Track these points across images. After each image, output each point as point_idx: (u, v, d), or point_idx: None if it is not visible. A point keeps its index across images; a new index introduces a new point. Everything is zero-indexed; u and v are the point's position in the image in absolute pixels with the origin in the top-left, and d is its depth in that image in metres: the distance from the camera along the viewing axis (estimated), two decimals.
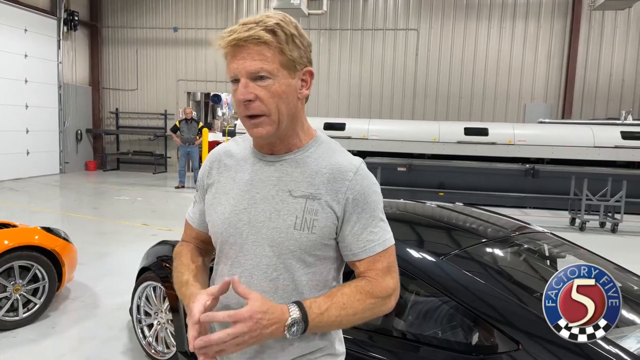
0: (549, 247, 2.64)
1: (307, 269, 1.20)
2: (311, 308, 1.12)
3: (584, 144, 10.02)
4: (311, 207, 1.18)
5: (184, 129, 11.38)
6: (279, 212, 1.19)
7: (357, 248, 1.21)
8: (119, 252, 5.97)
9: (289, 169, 1.22)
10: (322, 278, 1.24)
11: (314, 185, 1.19)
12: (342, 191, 1.18)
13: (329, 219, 1.18)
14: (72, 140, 14.22)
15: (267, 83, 1.12)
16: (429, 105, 13.54)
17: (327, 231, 1.19)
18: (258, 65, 1.11)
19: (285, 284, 1.20)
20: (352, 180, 1.19)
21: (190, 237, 1.42)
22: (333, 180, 1.19)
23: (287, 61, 1.14)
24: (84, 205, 9.62)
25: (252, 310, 1.04)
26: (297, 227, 1.17)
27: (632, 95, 12.76)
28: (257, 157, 1.26)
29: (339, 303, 1.15)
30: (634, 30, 12.59)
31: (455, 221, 2.85)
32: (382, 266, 1.21)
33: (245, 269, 1.21)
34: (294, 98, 1.18)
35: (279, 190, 1.20)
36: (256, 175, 1.24)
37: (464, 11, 13.17)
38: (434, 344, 1.87)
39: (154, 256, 3.39)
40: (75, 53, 14.30)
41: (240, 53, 1.12)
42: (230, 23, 14.07)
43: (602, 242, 7.22)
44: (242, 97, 1.13)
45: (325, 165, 1.21)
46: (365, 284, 1.19)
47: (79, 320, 3.95)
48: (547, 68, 12.99)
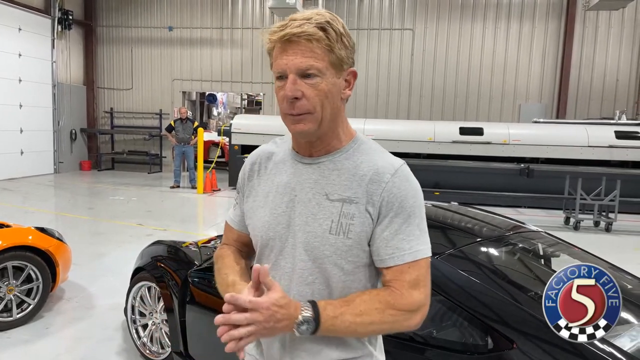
0: (544, 247, 2.64)
1: (344, 276, 1.17)
2: (325, 310, 1.09)
3: (578, 143, 10.07)
4: (347, 211, 1.14)
5: (179, 128, 11.35)
6: (315, 215, 1.16)
7: (385, 254, 1.15)
8: (114, 252, 5.94)
9: (327, 171, 1.19)
10: (360, 286, 1.19)
11: (352, 188, 1.16)
12: (377, 193, 1.14)
13: (365, 224, 1.14)
14: (66, 140, 14.16)
15: (315, 81, 1.10)
16: (424, 105, 13.56)
17: (364, 236, 1.15)
18: (309, 62, 1.09)
19: (321, 289, 1.17)
20: (389, 182, 1.15)
21: (231, 240, 1.40)
22: (370, 182, 1.15)
23: (335, 60, 1.12)
24: (78, 205, 9.57)
25: (271, 301, 1.03)
26: (332, 232, 1.14)
27: (626, 95, 12.83)
28: (296, 158, 1.23)
29: (356, 310, 1.10)
30: (628, 30, 12.65)
31: (450, 220, 2.86)
32: (409, 278, 1.14)
33: (284, 272, 1.20)
34: (337, 98, 1.16)
35: (316, 194, 1.18)
36: (294, 177, 1.21)
37: (459, 11, 13.21)
38: (428, 343, 1.88)
39: (149, 256, 3.38)
40: (70, 52, 14.23)
41: (291, 49, 1.09)
42: (225, 22, 14.07)
43: (596, 241, 7.26)
44: (291, 94, 1.10)
45: (363, 168, 1.17)
46: (387, 295, 1.14)
47: (73, 321, 3.93)
48: (541, 68, 13.04)
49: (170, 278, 3.02)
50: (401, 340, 1.92)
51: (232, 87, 14.69)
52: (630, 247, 7.08)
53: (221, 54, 14.28)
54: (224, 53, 14.27)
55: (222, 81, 14.44)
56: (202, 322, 2.74)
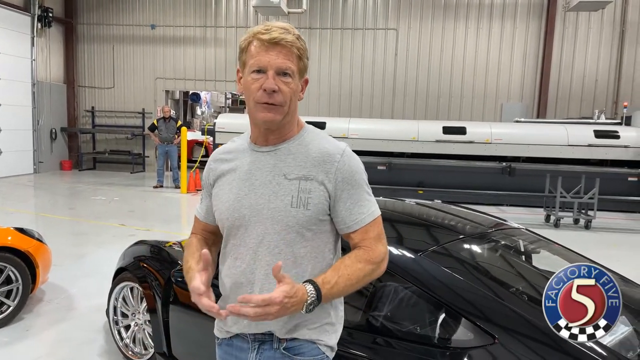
0: (525, 243, 2.68)
1: (305, 243, 1.37)
2: (323, 284, 1.29)
3: (558, 142, 10.24)
4: (305, 187, 1.35)
5: (162, 127, 11.24)
6: (276, 194, 1.36)
7: (350, 221, 1.38)
8: (95, 253, 5.86)
9: (282, 156, 1.39)
10: (319, 251, 1.40)
11: (306, 168, 1.37)
12: (332, 171, 1.36)
13: (321, 197, 1.36)
14: (46, 140, 13.91)
15: (289, 80, 1.33)
16: (408, 105, 13.65)
17: (321, 207, 1.36)
18: (287, 63, 1.31)
19: (287, 257, 1.36)
20: (339, 162, 1.37)
21: (198, 230, 1.62)
22: (323, 163, 1.37)
23: (302, 67, 1.38)
24: (59, 205, 9.42)
25: (283, 294, 1.20)
26: (293, 205, 1.34)
27: (605, 95, 13.08)
28: (254, 149, 1.44)
29: (345, 275, 1.33)
30: (607, 31, 12.90)
31: (433, 218, 2.88)
32: (373, 235, 1.40)
33: (249, 247, 1.39)
34: (297, 97, 1.39)
35: (275, 175, 1.38)
36: (254, 164, 1.41)
37: (442, 12, 13.31)
38: (412, 340, 1.89)
39: (131, 256, 3.34)
40: (50, 50, 13.99)
41: (274, 50, 1.30)
42: (209, 21, 13.97)
43: (576, 239, 7.39)
44: (271, 86, 1.30)
45: (315, 150, 1.39)
46: (363, 253, 1.38)
47: (54, 323, 3.87)
48: (522, 68, 13.22)
49: (153, 278, 2.99)
50: (386, 337, 1.93)
51: (215, 86, 14.59)
52: (609, 244, 7.23)
53: (205, 52, 14.18)
54: (207, 52, 14.17)
55: (205, 80, 14.34)
56: (186, 322, 2.71)
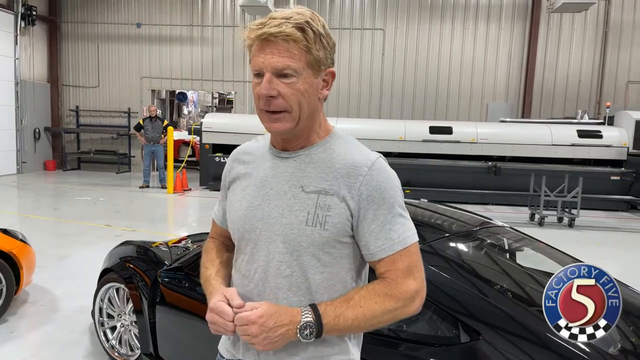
0: (509, 241, 2.72)
1: (321, 268, 1.17)
2: (326, 311, 1.11)
3: (542, 142, 10.38)
4: (323, 203, 1.15)
5: (148, 127, 11.15)
6: (291, 207, 1.17)
7: (375, 247, 1.16)
8: (80, 253, 5.80)
9: (302, 164, 1.20)
10: (339, 278, 1.20)
11: (327, 180, 1.17)
12: (355, 186, 1.15)
13: (342, 215, 1.15)
14: (29, 139, 13.70)
15: (291, 81, 1.12)
16: (395, 104, 13.71)
17: (341, 227, 1.15)
18: (285, 62, 1.10)
19: (299, 282, 1.17)
20: (366, 175, 1.15)
21: (216, 234, 1.47)
22: (347, 176, 1.16)
23: (313, 60, 1.13)
24: (43, 206, 9.29)
25: (257, 313, 1.10)
26: (309, 223, 1.15)
27: (588, 95, 13.28)
28: (273, 153, 1.25)
29: (357, 306, 1.13)
30: (590, 32, 13.10)
31: (420, 217, 2.91)
32: (402, 266, 1.16)
33: (259, 265, 1.21)
34: (315, 97, 1.17)
35: (292, 186, 1.19)
36: (270, 171, 1.23)
37: (428, 12, 13.40)
38: (398, 337, 1.91)
39: (117, 257, 3.32)
40: (33, 49, 13.78)
41: (268, 48, 1.11)
42: (195, 19, 13.88)
43: (560, 237, 7.49)
44: (266, 92, 1.12)
45: (340, 161, 1.18)
46: (383, 286, 1.16)
47: (38, 325, 3.82)
48: (507, 69, 13.37)
49: (139, 279, 2.98)
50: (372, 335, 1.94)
51: (202, 85, 14.51)
52: (592, 242, 7.34)
53: (191, 51, 14.09)
54: (194, 51, 14.08)
55: (192, 79, 14.25)
56: (173, 322, 2.70)
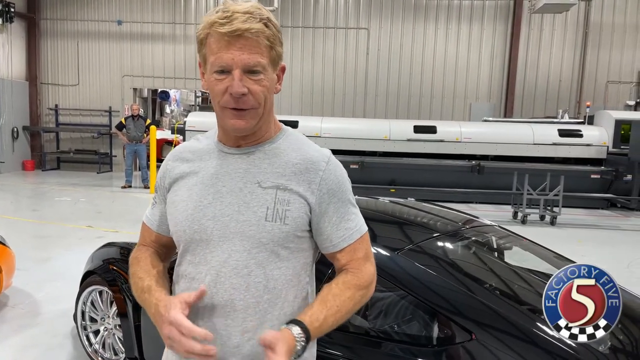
0: (497, 239, 2.73)
1: (279, 263, 1.16)
2: (312, 324, 1.11)
3: (524, 141, 10.52)
4: (283, 198, 1.14)
5: (130, 126, 10.99)
6: (247, 204, 1.14)
7: (337, 238, 1.20)
8: (62, 256, 5.67)
9: (257, 160, 1.18)
10: (295, 273, 1.20)
11: (285, 175, 1.16)
12: (315, 182, 1.17)
13: (301, 210, 1.16)
14: (7, 139, 13.38)
15: (259, 77, 1.10)
16: (379, 104, 13.75)
17: (300, 222, 1.16)
18: (256, 58, 1.08)
19: (257, 281, 1.15)
20: (325, 171, 1.18)
21: (148, 241, 1.34)
22: (305, 171, 1.17)
23: (275, 56, 1.13)
24: (21, 207, 9.07)
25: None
26: (268, 219, 1.13)
27: (569, 95, 13.51)
28: (223, 150, 1.21)
29: (334, 307, 1.14)
30: (570, 33, 13.32)
31: (408, 216, 2.90)
32: (362, 254, 1.22)
33: (212, 267, 1.15)
34: (272, 93, 1.17)
35: (247, 182, 1.16)
36: (222, 168, 1.19)
37: (412, 12, 13.47)
38: (391, 338, 1.89)
39: (100, 259, 3.24)
40: (11, 46, 13.45)
41: (238, 43, 1.06)
42: (178, 17, 13.72)
43: (542, 234, 7.59)
44: (240, 90, 1.07)
45: (296, 156, 1.19)
46: (351, 278, 1.20)
47: (19, 329, 3.72)
48: (490, 68, 13.51)
49: (123, 281, 2.91)
50: (364, 337, 1.93)
51: (185, 84, 14.35)
52: (573, 240, 7.46)
53: (174, 49, 13.91)
54: (177, 49, 13.91)
55: (175, 78, 14.08)
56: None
